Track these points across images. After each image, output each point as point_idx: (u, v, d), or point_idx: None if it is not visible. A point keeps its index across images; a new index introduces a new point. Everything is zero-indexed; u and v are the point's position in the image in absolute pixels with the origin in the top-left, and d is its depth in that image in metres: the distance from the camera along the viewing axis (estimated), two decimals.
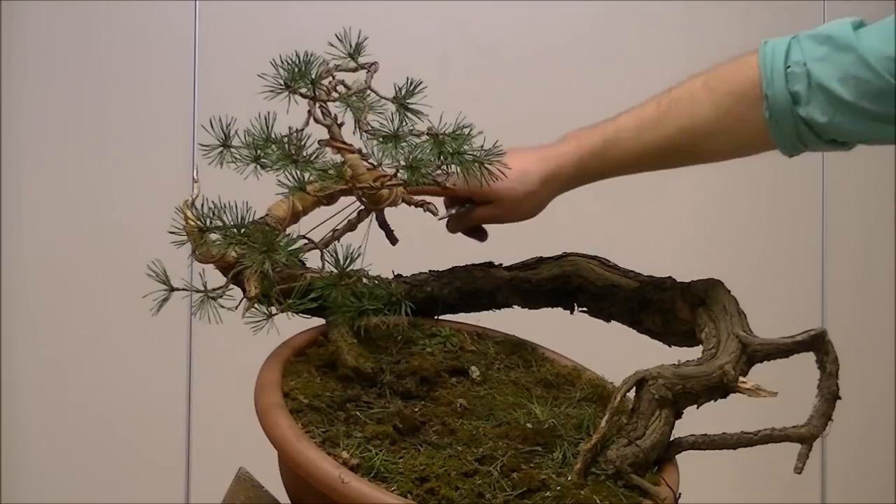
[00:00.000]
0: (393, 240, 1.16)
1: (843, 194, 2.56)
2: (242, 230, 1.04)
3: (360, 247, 1.08)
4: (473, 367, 1.12)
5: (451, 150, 1.07)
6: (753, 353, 1.04)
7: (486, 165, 1.07)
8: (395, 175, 1.08)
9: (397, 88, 1.09)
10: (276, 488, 1.05)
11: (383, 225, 1.15)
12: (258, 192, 1.11)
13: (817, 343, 1.04)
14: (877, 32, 1.08)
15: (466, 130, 1.07)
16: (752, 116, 1.14)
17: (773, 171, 2.51)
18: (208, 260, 1.04)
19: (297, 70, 1.07)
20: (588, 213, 2.31)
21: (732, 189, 2.45)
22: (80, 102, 2.32)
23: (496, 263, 1.20)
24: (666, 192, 2.44)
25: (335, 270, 1.07)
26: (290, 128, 1.17)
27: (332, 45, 1.11)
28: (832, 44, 1.09)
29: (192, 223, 1.03)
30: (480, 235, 1.27)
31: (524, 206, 1.22)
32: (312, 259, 1.10)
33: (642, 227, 2.43)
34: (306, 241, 1.08)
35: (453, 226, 1.27)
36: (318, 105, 1.09)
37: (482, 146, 1.08)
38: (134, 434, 2.29)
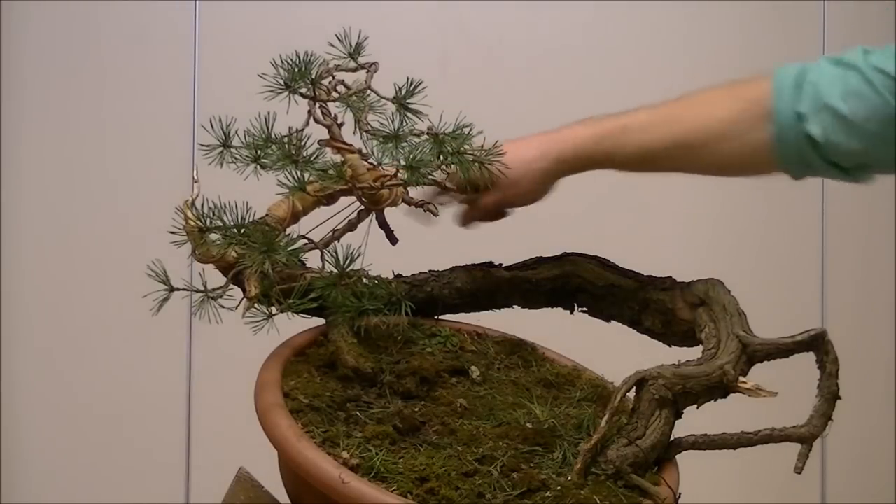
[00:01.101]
0: (393, 240, 1.16)
1: (843, 195, 2.56)
2: (242, 230, 1.04)
3: (360, 247, 1.08)
4: (473, 367, 1.12)
5: (451, 150, 1.07)
6: (753, 353, 1.04)
7: (485, 165, 1.07)
8: (395, 175, 1.08)
9: (397, 88, 1.09)
10: (276, 488, 1.05)
11: (383, 225, 1.15)
12: (258, 192, 1.11)
13: (817, 343, 1.04)
14: (880, 52, 1.10)
15: (466, 130, 1.07)
16: (761, 127, 1.15)
17: None
18: (208, 260, 1.04)
19: (297, 70, 1.07)
20: (588, 212, 2.31)
21: (732, 189, 2.45)
22: (81, 102, 2.32)
23: (496, 263, 1.20)
24: (666, 193, 2.44)
25: (335, 270, 1.07)
26: (290, 128, 1.17)
27: (332, 45, 1.11)
28: (843, 65, 1.11)
29: (192, 223, 1.03)
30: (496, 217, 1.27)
31: (522, 185, 1.21)
32: (312, 259, 1.10)
33: (642, 227, 2.43)
34: (306, 241, 1.08)
35: (463, 220, 1.27)
36: (318, 105, 1.10)
37: (482, 146, 1.09)
38: (134, 434, 2.29)
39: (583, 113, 1.28)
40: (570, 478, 0.95)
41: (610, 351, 1.25)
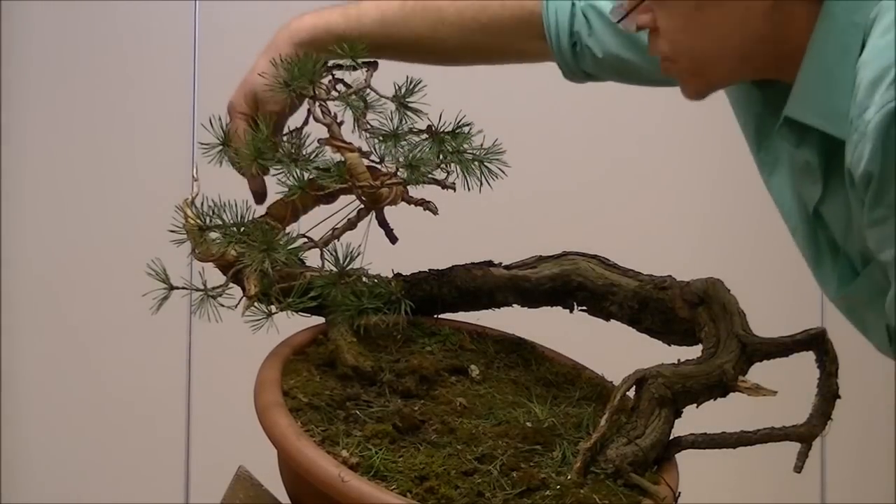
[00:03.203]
0: (392, 239, 1.16)
1: None
2: (242, 229, 1.04)
3: (359, 245, 1.08)
4: (473, 366, 1.11)
5: (450, 149, 1.07)
6: (753, 353, 1.04)
7: (485, 164, 1.08)
8: (395, 174, 1.08)
9: (397, 87, 1.09)
10: (276, 487, 1.05)
11: (383, 224, 1.15)
12: None
13: (817, 342, 1.05)
14: None
15: (466, 129, 1.08)
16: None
17: None
18: (208, 258, 1.04)
19: (296, 69, 1.07)
20: (588, 211, 2.31)
21: (733, 188, 2.45)
22: (81, 102, 2.32)
23: (495, 262, 1.20)
24: (666, 191, 2.44)
25: (335, 269, 1.07)
26: (289, 126, 1.17)
27: None
28: None
29: (192, 222, 1.04)
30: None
31: None
32: (312, 258, 1.10)
33: (642, 226, 2.43)
34: (306, 239, 1.08)
35: None
36: (317, 104, 1.10)
37: (482, 145, 1.09)
38: (134, 433, 2.29)
39: (583, 112, 1.28)
40: (569, 477, 0.95)
41: (610, 350, 1.25)
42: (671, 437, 1.02)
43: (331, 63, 1.12)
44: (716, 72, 1.04)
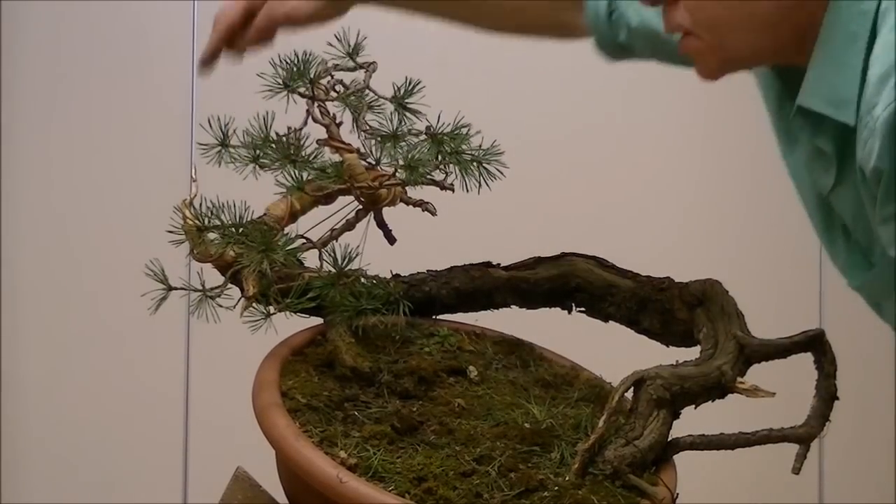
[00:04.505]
0: (391, 239, 1.16)
1: None
2: (241, 229, 1.04)
3: (358, 246, 1.08)
4: (471, 367, 1.11)
5: (449, 150, 1.07)
6: (751, 354, 1.04)
7: (484, 165, 1.08)
8: (394, 174, 1.09)
9: (396, 88, 1.09)
10: (274, 488, 1.05)
11: (381, 224, 1.15)
12: (257, 192, 1.11)
13: (815, 344, 1.05)
14: None
15: (464, 130, 1.08)
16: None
17: (773, 169, 2.51)
18: (206, 259, 1.04)
19: (295, 69, 1.07)
20: (587, 213, 2.31)
21: (731, 188, 2.45)
22: (80, 102, 2.32)
23: (494, 263, 1.20)
24: (664, 192, 2.44)
25: (333, 270, 1.07)
26: (288, 127, 1.17)
27: (330, 44, 1.12)
28: None
29: (191, 222, 1.04)
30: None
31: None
32: (311, 258, 1.10)
33: (641, 227, 2.43)
34: (304, 240, 1.08)
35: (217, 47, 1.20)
36: (316, 104, 1.10)
37: (480, 145, 1.09)
38: (132, 433, 2.29)
39: (582, 113, 1.28)
40: (567, 478, 0.95)
41: (608, 351, 1.25)
42: (669, 439, 1.02)
43: (330, 63, 1.12)
44: (737, 46, 0.99)
